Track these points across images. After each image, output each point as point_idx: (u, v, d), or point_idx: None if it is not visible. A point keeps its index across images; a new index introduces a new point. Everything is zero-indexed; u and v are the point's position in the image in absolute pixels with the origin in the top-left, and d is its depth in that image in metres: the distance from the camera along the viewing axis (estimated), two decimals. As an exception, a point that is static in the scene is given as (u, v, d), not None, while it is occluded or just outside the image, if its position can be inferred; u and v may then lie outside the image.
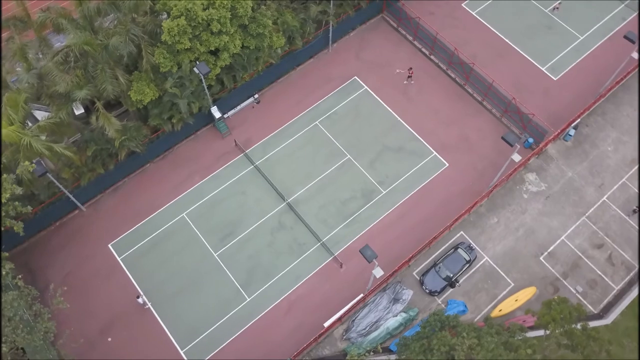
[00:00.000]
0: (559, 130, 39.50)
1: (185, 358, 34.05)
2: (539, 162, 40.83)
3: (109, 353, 34.00)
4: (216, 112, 39.11)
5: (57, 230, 37.79)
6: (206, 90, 37.18)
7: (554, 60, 44.80)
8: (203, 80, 36.07)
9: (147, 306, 34.95)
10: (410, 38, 45.79)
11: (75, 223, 38.09)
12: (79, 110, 37.17)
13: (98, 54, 32.10)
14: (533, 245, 37.80)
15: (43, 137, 35.97)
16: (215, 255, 37.08)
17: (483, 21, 46.87)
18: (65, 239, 37.58)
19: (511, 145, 32.62)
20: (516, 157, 33.56)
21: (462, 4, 47.86)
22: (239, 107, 42.13)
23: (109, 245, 37.34)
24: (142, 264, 36.74)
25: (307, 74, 44.33)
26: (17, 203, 29.86)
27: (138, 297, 34.89)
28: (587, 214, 38.89)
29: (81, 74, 32.29)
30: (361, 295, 34.51)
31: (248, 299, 35.78)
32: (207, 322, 34.98)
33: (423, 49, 45.31)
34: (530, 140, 40.56)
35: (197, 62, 34.96)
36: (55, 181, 33.54)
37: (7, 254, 29.29)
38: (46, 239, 37.43)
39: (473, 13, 47.38)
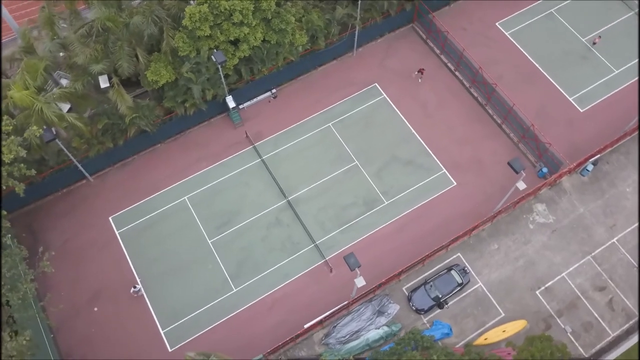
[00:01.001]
0: (574, 164, 38.15)
1: (164, 338, 34.48)
2: (550, 193, 39.56)
3: (92, 322, 34.81)
4: (231, 102, 39.44)
5: (64, 196, 38.91)
6: (222, 79, 37.54)
7: (583, 92, 43.30)
8: (220, 69, 36.41)
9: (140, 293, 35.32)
10: (438, 51, 45.10)
11: (82, 192, 39.12)
12: (104, 84, 38.15)
13: (119, 30, 32.82)
14: (531, 277, 36.67)
15: (62, 106, 37.27)
16: (209, 242, 37.45)
17: (516, 43, 45.70)
18: (69, 206, 38.65)
19: (516, 172, 31.69)
20: (521, 185, 32.60)
21: (497, 23, 46.80)
22: (255, 100, 42.41)
23: (110, 218, 38.20)
24: (138, 240, 37.43)
25: (328, 75, 44.22)
26: (22, 165, 30.85)
27: (135, 286, 35.03)
28: (593, 254, 37.45)
29: (100, 49, 33.12)
30: (346, 302, 34.16)
31: (234, 290, 35.99)
32: (191, 306, 35.36)
33: (449, 64, 44.55)
34: (545, 170, 39.34)
35: (216, 50, 35.29)
36: (64, 149, 34.52)
37: (5, 213, 30.23)
38: (52, 203, 38.59)
39: (506, 33, 46.26)
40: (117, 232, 37.74)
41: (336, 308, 33.78)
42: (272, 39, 37.86)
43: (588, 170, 39.73)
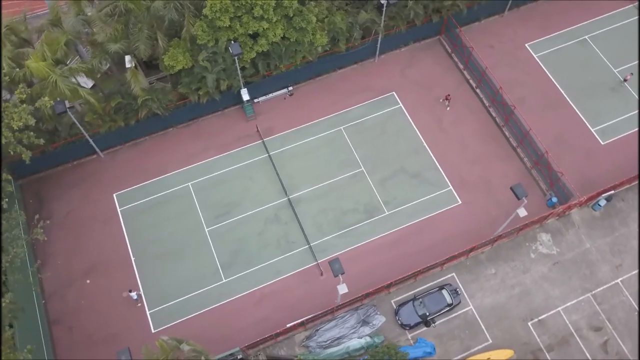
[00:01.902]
0: (585, 197, 36.90)
1: (149, 319, 34.97)
2: (558, 224, 38.38)
3: (83, 294, 35.61)
4: (245, 95, 39.68)
5: (73, 168, 39.92)
6: (238, 71, 37.80)
7: (606, 124, 41.84)
8: (236, 61, 36.67)
9: (139, 304, 35.10)
10: (461, 67, 44.32)
11: (91, 166, 40.07)
12: (129, 64, 38.96)
13: (141, 13, 33.41)
14: (525, 307, 35.66)
15: (86, 81, 38.23)
16: (206, 230, 37.80)
17: (543, 66, 44.51)
18: (78, 178, 39.63)
19: (518, 198, 30.89)
20: (522, 212, 31.77)
21: (527, 44, 45.67)
22: (271, 95, 42.57)
23: (114, 195, 38.99)
24: (138, 219, 38.08)
25: (347, 79, 44.02)
26: (31, 133, 31.74)
27: (131, 291, 34.75)
28: (593, 292, 36.16)
29: (121, 29, 33.80)
30: (330, 307, 33.94)
31: (224, 280, 36.23)
32: (179, 291, 35.77)
33: (471, 81, 43.73)
34: (555, 199, 38.18)
35: (233, 42, 35.55)
36: (76, 122, 35.41)
37: (9, 177, 31.16)
38: (61, 174, 39.64)
39: (535, 56, 45.10)
40: (119, 210, 38.49)
41: (320, 312, 33.54)
42: (292, 37, 37.91)
43: (600, 205, 38.37)
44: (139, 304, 35.01)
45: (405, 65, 44.71)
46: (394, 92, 43.37)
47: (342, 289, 29.78)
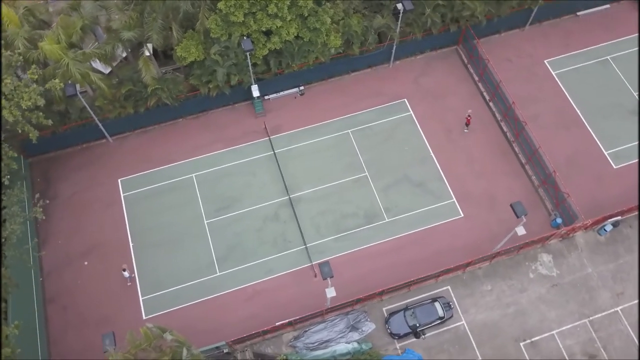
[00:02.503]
0: (590, 221, 36.06)
1: (142, 305, 35.35)
2: (560, 246, 37.62)
3: (79, 274, 36.19)
4: (255, 91, 39.80)
5: (82, 151, 40.61)
6: (250, 67, 37.95)
7: (621, 148, 40.85)
8: (248, 57, 36.82)
9: (129, 284, 35.60)
10: (476, 78, 43.76)
11: (99, 150, 40.70)
12: (147, 52, 39.58)
13: (156, 3, 33.77)
14: (518, 328, 35.04)
15: (103, 67, 38.77)
16: (205, 222, 38.06)
17: (560, 84, 43.67)
18: (86, 161, 40.30)
19: (517, 216, 30.35)
20: (520, 231, 31.19)
21: (546, 61, 44.86)
22: (282, 93, 42.65)
23: (119, 180, 39.51)
24: (140, 206, 38.54)
25: (360, 82, 43.86)
26: (40, 114, 32.36)
27: (124, 269, 35.13)
28: (591, 318, 35.33)
29: (135, 17, 34.20)
30: (320, 310, 33.83)
31: (218, 273, 36.43)
32: (173, 280, 36.07)
33: (484, 93, 43.15)
34: (559, 220, 37.44)
35: (245, 38, 35.71)
36: (86, 106, 35.98)
37: (14, 154, 31.79)
38: (70, 156, 40.35)
39: (553, 73, 44.27)
40: (122, 195, 39.00)
41: (309, 314, 33.46)
42: (305, 37, 37.90)
43: (606, 230, 37.48)
44: (129, 284, 35.38)
45: (419, 73, 44.34)
46: (405, 99, 43.05)
47: (331, 292, 29.68)
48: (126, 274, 35.11)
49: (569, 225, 36.60)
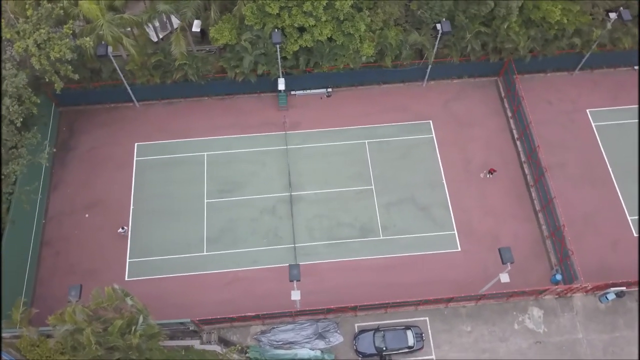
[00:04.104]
0: (590, 285, 34.04)
1: (127, 266, 36.54)
2: (555, 303, 35.79)
3: (78, 225, 37.81)
4: (281, 84, 40.08)
5: (109, 110, 42.34)
6: (279, 60, 38.26)
7: (647, 216, 38.33)
8: (278, 49, 37.13)
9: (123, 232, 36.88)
10: (509, 114, 42.18)
11: (125, 113, 42.29)
12: (196, 28, 40.86)
13: (198, -18, 34.69)
14: (489, 376, 33.71)
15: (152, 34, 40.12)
16: (205, 201, 38.80)
17: (598, 137, 41.40)
18: (110, 120, 41.99)
19: (502, 262, 29.13)
20: (504, 278, 29.91)
21: (588, 110, 42.63)
22: (309, 92, 42.76)
23: (136, 144, 40.93)
24: (148, 173, 39.78)
25: (388, 95, 43.29)
26: (69, 67, 34.00)
27: (123, 227, 36.58)
28: (568, 385, 33.49)
29: (176, -8, 35.26)
30: (289, 311, 33.80)
31: (204, 253, 37.10)
32: (161, 250, 37.02)
33: (514, 130, 41.54)
34: (559, 277, 35.61)
35: (276, 30, 36.02)
36: (117, 68, 37.44)
37: (38, 100, 33.52)
38: (97, 112, 42.18)
39: (593, 124, 42.02)
40: (135, 158, 40.37)
41: (277, 311, 33.46)
42: (338, 40, 37.78)
43: (607, 299, 35.29)
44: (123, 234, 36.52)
45: (451, 97, 43.23)
46: (430, 121, 42.12)
47: (295, 295, 29.60)
48: (122, 230, 36.29)
49: (568, 285, 34.74)
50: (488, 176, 39.18)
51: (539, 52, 40.72)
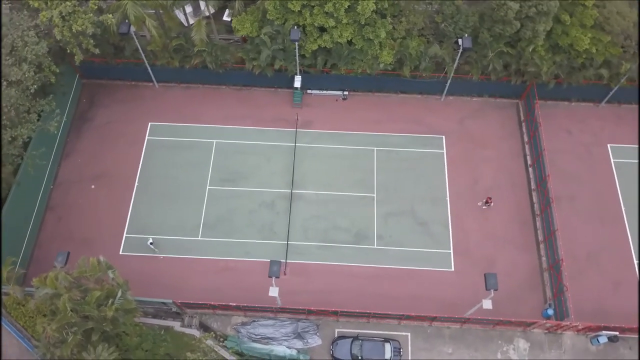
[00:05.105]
0: (580, 325, 32.87)
1: (122, 241, 37.33)
2: (543, 338, 34.74)
3: (83, 194, 38.90)
4: (297, 82, 40.23)
5: (129, 88, 43.35)
6: (297, 57, 38.38)
7: (655, 262, 36.75)
8: (297, 46, 37.26)
9: (156, 252, 36.51)
10: (525, 139, 41.13)
11: (143, 92, 43.23)
12: (227, 18, 41.52)
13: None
14: (463, 402, 33.01)
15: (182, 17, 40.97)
16: (207, 187, 39.29)
17: (615, 173, 39.95)
18: (129, 96, 42.99)
19: (486, 288, 28.47)
20: (487, 304, 29.25)
21: (609, 144, 41.17)
22: (325, 92, 42.75)
23: (149, 123, 41.78)
24: (157, 153, 40.57)
25: (405, 105, 42.84)
26: (91, 41, 35.00)
27: (151, 243, 36.09)
28: None
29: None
30: (270, 306, 33.88)
31: (199, 238, 37.58)
32: (158, 229, 37.67)
33: (528, 156, 40.49)
34: (550, 312, 34.58)
35: (296, 27, 36.15)
36: (139, 47, 38.31)
37: (57, 70, 34.67)
38: (117, 88, 43.26)
39: (612, 159, 40.55)
40: (147, 137, 41.22)
41: (258, 305, 33.57)
42: (358, 44, 37.64)
43: (599, 341, 34.00)
44: (156, 251, 36.33)
45: (468, 115, 42.46)
46: (443, 136, 41.47)
47: (273, 291, 29.68)
48: (151, 244, 36.03)
49: (558, 321, 33.68)
50: (484, 207, 38.23)
51: (564, 80, 39.53)
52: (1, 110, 29.40)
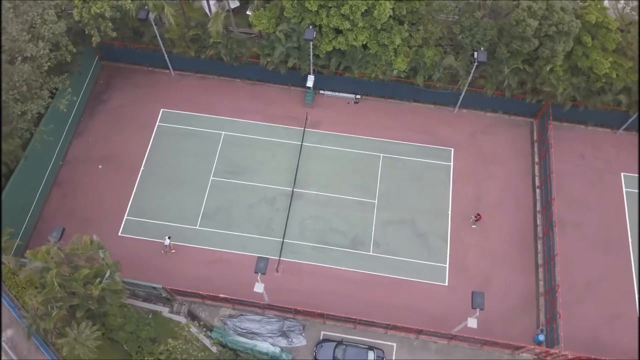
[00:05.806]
0: (569, 354, 32.03)
1: (122, 222, 37.91)
2: (532, 363, 34.05)
3: (90, 174, 39.64)
4: (309, 81, 40.25)
5: (145, 73, 43.99)
6: (311, 56, 38.37)
7: (657, 298, 35.63)
8: (311, 45, 37.26)
9: (172, 250, 36.62)
10: (536, 159, 40.31)
11: (159, 78, 43.80)
12: (234, 4, 41.88)
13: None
14: (442, 419, 32.56)
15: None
16: (210, 178, 39.61)
17: (625, 203, 38.89)
18: (145, 81, 43.64)
19: (472, 307, 28.01)
20: (472, 323, 28.78)
21: (623, 173, 40.06)
22: (338, 94, 42.65)
23: (161, 109, 42.32)
24: (165, 139, 41.07)
25: (417, 114, 42.45)
26: (109, 24, 35.62)
27: (169, 237, 36.25)
28: None
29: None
30: (257, 302, 33.95)
31: (197, 227, 37.90)
32: (158, 215, 38.15)
33: (536, 177, 39.67)
34: (541, 338, 33.82)
35: (311, 27, 36.14)
36: (157, 33, 38.84)
37: (74, 49, 35.41)
38: (134, 72, 43.94)
39: (624, 189, 39.47)
40: (157, 123, 41.76)
41: (246, 300, 33.67)
42: (372, 49, 37.44)
43: (589, 373, 33.11)
44: (173, 250, 36.55)
45: (480, 130, 41.83)
46: (452, 149, 40.95)
47: (259, 287, 29.73)
48: (167, 241, 36.23)
49: (547, 348, 32.94)
50: (473, 226, 37.60)
51: (581, 103, 38.61)
52: (1, 87, 30.02)
